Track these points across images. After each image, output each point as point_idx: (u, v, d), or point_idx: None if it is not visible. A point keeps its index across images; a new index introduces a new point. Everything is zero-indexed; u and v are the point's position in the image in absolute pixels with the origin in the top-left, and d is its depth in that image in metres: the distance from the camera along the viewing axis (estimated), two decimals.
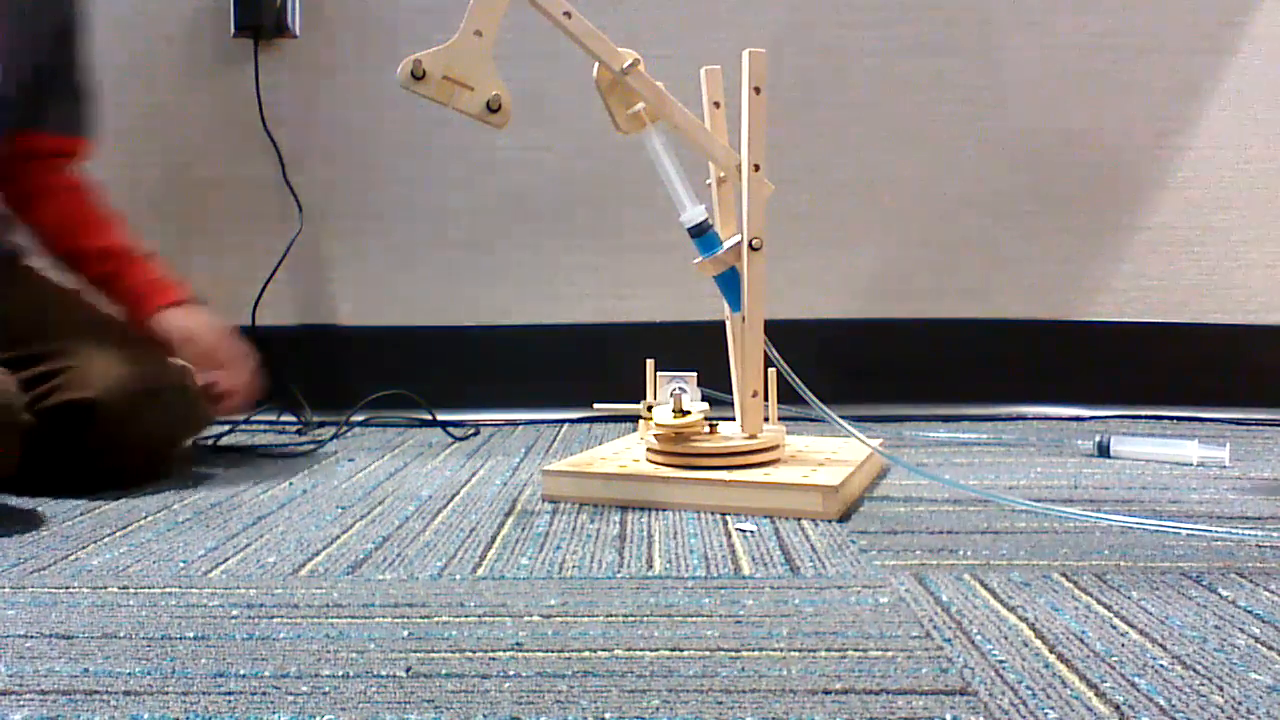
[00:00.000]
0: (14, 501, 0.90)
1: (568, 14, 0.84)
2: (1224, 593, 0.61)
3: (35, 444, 0.87)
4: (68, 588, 0.65)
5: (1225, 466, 1.00)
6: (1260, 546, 0.71)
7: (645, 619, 0.57)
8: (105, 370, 0.95)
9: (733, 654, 0.52)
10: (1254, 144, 1.40)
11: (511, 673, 0.50)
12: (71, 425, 0.93)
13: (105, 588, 0.65)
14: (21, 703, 0.47)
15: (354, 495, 0.93)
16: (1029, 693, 0.46)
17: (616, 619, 0.57)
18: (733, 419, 0.91)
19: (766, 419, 0.93)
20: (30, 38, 1.06)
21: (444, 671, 0.50)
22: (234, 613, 0.59)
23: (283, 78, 1.44)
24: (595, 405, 0.98)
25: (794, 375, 0.92)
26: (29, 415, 0.87)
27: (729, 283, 0.89)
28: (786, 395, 0.94)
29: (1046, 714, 0.44)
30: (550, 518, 0.83)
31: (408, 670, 0.50)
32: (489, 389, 1.44)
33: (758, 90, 0.87)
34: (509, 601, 0.61)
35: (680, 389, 0.95)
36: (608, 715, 0.45)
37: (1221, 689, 0.47)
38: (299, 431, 1.31)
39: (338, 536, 0.77)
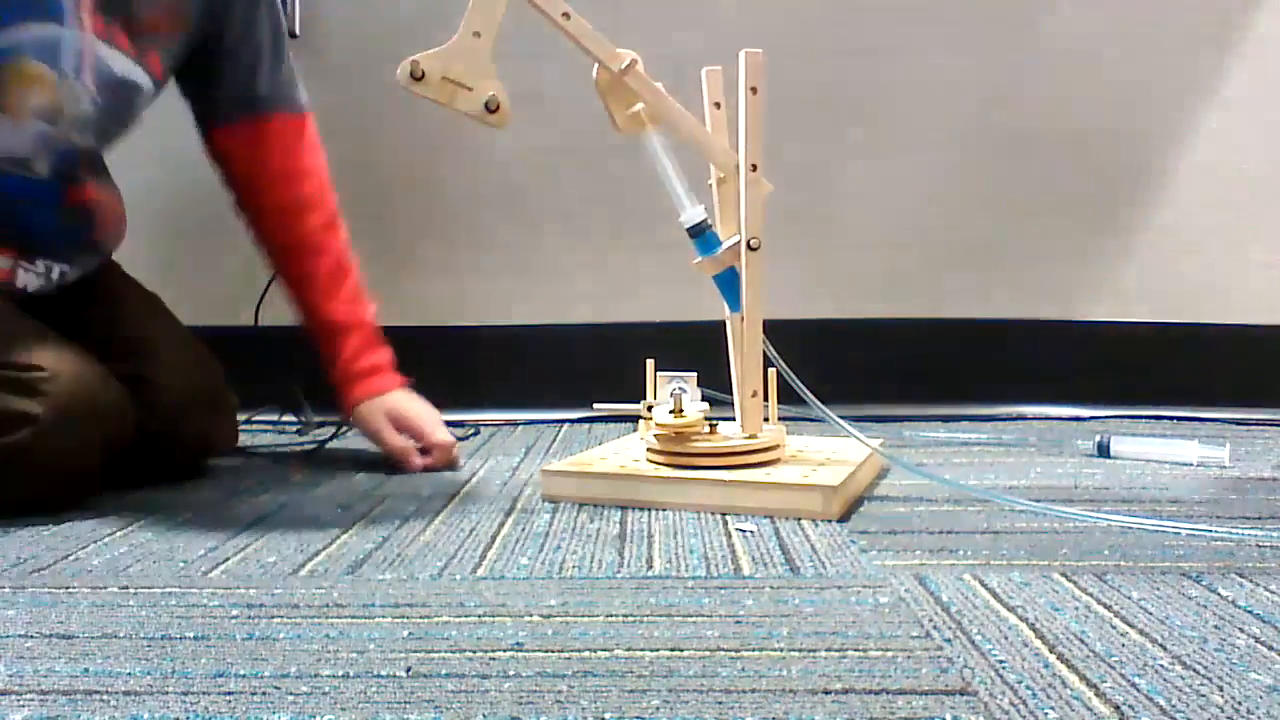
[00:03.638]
0: None
1: (566, 14, 0.84)
2: (1224, 593, 0.61)
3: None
4: (68, 588, 0.65)
5: (1225, 466, 1.00)
6: (1260, 546, 0.71)
7: (645, 619, 0.57)
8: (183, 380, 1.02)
9: (733, 654, 0.52)
10: (1254, 144, 1.40)
11: (511, 673, 0.50)
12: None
13: (105, 588, 0.65)
14: (21, 703, 0.47)
15: (354, 495, 0.93)
16: (1029, 693, 0.46)
17: (616, 619, 0.57)
18: (733, 419, 0.91)
19: (766, 419, 0.93)
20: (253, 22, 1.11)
21: (444, 671, 0.50)
22: (234, 613, 0.59)
23: None
24: (595, 405, 0.98)
25: (794, 375, 0.92)
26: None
27: (728, 283, 0.89)
28: (786, 395, 0.94)
29: (1046, 714, 0.44)
30: (550, 518, 0.83)
31: (408, 670, 0.50)
32: (489, 389, 1.44)
33: (754, 90, 0.87)
34: (509, 601, 0.61)
35: (680, 389, 0.95)
36: (608, 715, 0.45)
37: (1221, 689, 0.47)
38: (299, 431, 1.31)
39: (338, 536, 0.77)
